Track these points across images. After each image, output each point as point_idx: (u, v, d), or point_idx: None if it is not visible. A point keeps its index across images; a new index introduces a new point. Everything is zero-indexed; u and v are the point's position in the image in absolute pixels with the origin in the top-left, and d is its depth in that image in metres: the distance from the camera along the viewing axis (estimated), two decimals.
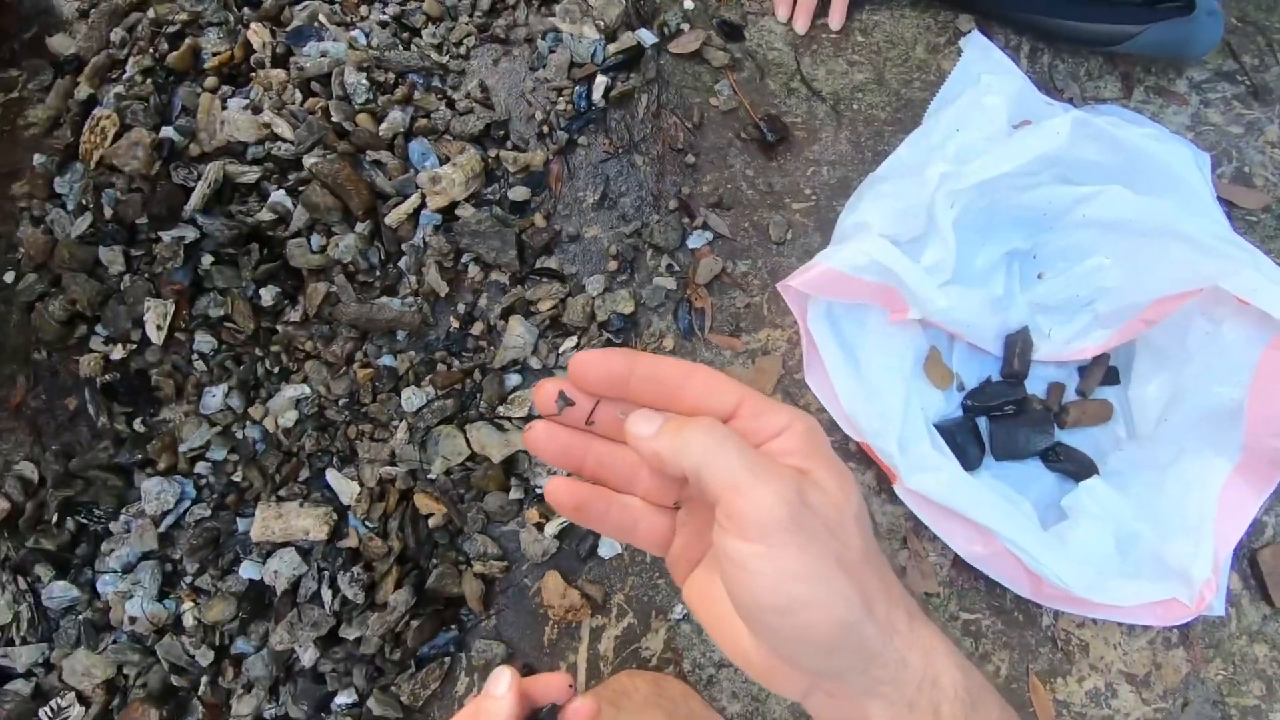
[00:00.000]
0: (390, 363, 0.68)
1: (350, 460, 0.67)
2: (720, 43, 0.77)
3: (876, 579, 0.28)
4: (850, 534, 0.27)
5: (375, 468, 0.65)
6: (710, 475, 0.26)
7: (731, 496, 0.26)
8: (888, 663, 0.27)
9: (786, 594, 0.26)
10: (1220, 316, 0.57)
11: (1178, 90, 0.78)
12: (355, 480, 0.65)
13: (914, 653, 0.27)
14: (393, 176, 0.69)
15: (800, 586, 0.26)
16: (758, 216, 0.73)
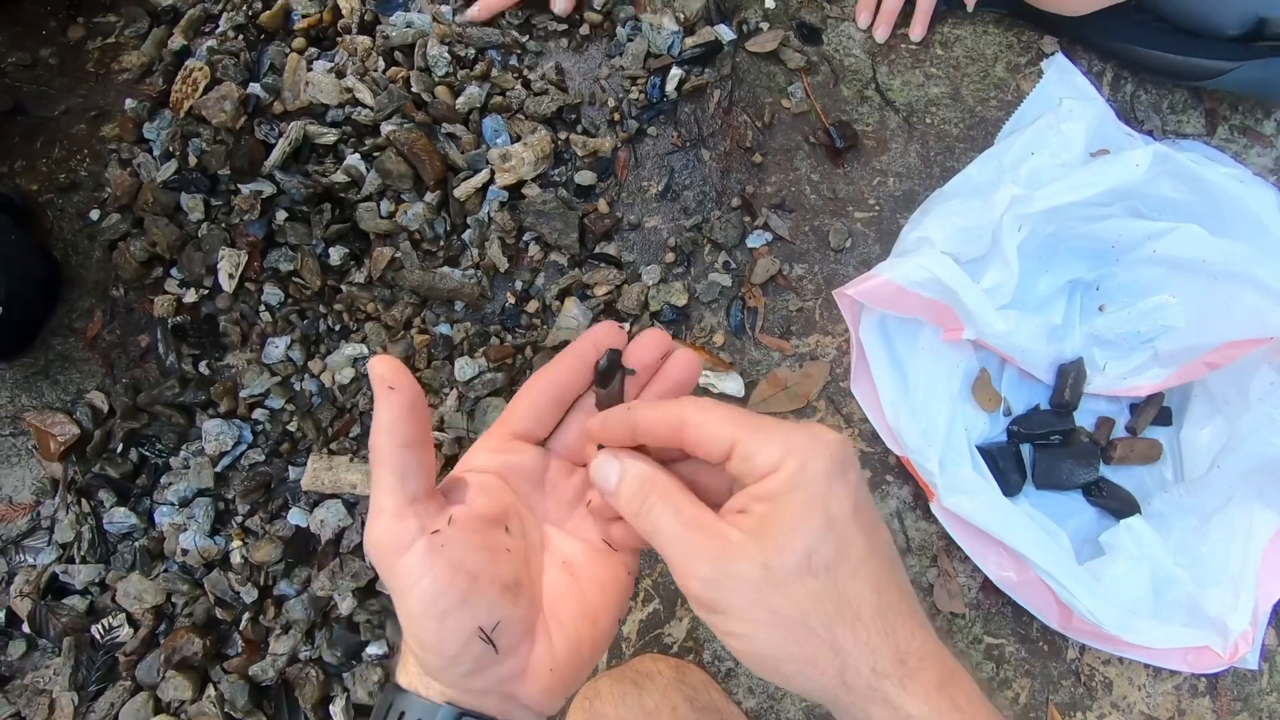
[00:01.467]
0: (446, 331, 0.70)
1: None
2: (798, 44, 0.76)
3: (850, 634, 0.27)
4: (805, 589, 0.26)
5: None
6: (662, 551, 0.29)
7: (682, 581, 0.28)
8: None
9: (756, 665, 0.28)
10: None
11: (1264, 131, 0.76)
12: None
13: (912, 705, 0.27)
14: (465, 150, 0.71)
15: (765, 664, 0.28)
16: (819, 222, 0.73)
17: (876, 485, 0.68)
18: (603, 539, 0.34)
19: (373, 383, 0.29)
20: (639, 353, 0.33)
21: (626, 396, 0.34)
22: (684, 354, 0.34)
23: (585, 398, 0.34)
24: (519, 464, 0.34)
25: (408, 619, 0.29)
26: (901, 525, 0.67)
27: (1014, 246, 0.61)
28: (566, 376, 0.33)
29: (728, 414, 0.29)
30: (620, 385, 0.33)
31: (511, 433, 0.34)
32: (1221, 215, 0.60)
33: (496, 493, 0.33)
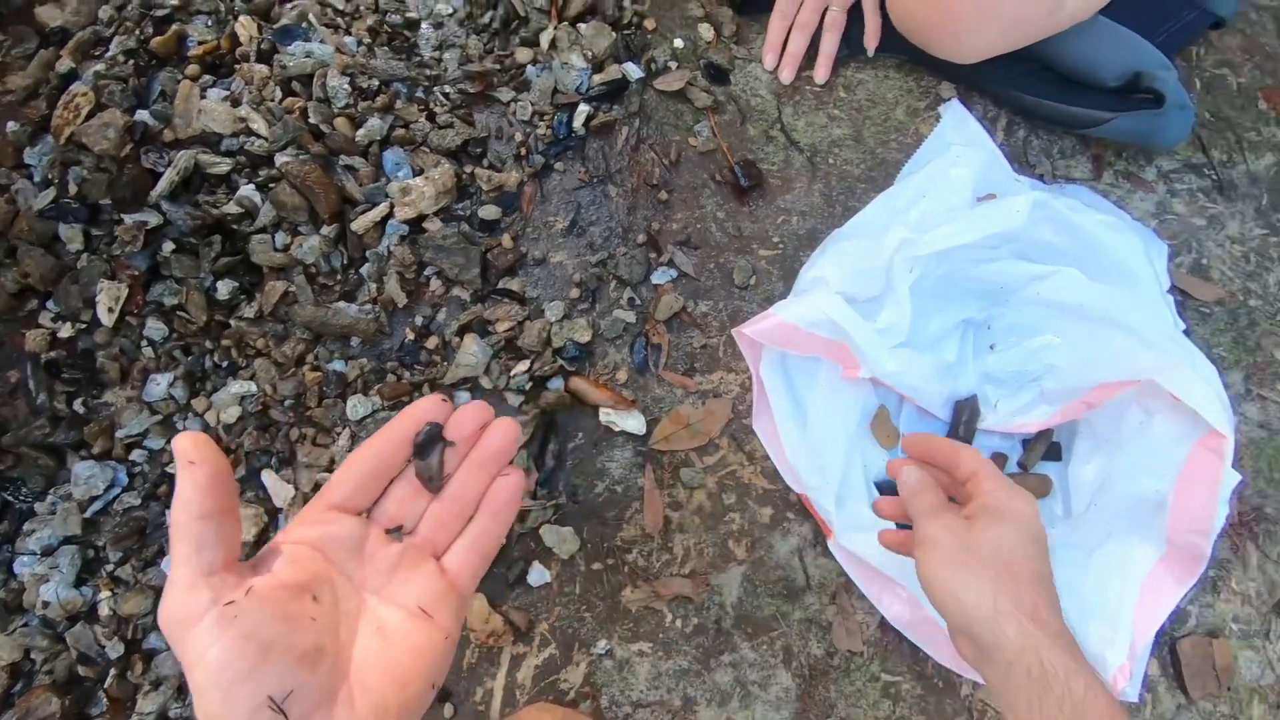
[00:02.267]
0: (340, 368, 0.68)
1: (289, 463, 0.66)
2: (705, 84, 0.77)
3: (1004, 582, 0.43)
4: (984, 556, 0.44)
5: (313, 473, 0.65)
6: (916, 517, 0.49)
7: (923, 532, 0.48)
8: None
9: (941, 585, 0.45)
10: (1154, 409, 0.58)
11: (1146, 177, 0.79)
12: (291, 484, 0.65)
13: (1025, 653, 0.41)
14: (363, 183, 0.69)
15: (947, 584, 0.45)
16: (724, 259, 0.74)
17: (777, 523, 0.68)
18: (420, 606, 0.34)
19: (176, 459, 0.30)
20: (460, 425, 0.36)
21: (447, 467, 0.36)
22: (502, 423, 0.37)
23: (408, 469, 0.36)
24: (336, 534, 0.34)
25: (196, 691, 0.28)
26: (801, 562, 0.67)
27: (906, 287, 0.62)
28: (386, 450, 0.35)
29: (987, 465, 0.49)
30: (440, 457, 0.36)
31: (330, 504, 0.35)
32: (1096, 260, 0.63)
33: (308, 562, 0.33)
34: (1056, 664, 0.40)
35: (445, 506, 0.37)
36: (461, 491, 0.37)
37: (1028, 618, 0.42)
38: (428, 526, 0.37)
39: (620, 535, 0.67)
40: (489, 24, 0.77)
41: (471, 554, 0.37)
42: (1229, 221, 0.79)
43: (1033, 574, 0.44)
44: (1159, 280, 0.67)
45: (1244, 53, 0.85)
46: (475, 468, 0.37)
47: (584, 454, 0.69)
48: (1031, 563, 0.44)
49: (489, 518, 0.37)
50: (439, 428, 0.36)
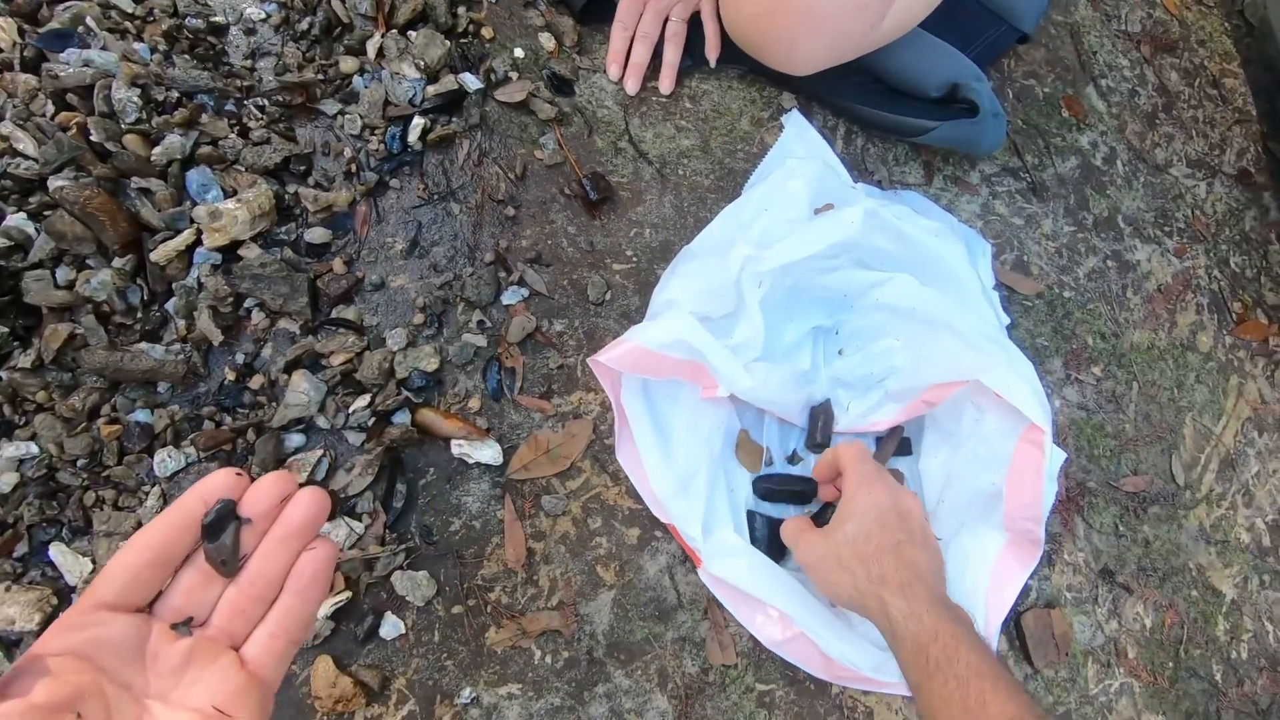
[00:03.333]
0: (145, 418, 0.60)
1: (84, 532, 0.57)
2: (549, 95, 0.75)
3: (862, 577, 0.52)
4: (843, 555, 0.54)
5: (114, 541, 0.57)
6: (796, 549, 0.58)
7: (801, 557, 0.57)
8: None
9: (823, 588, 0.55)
10: (984, 407, 0.61)
11: (971, 181, 0.85)
12: (88, 556, 0.56)
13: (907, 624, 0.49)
14: (163, 208, 0.61)
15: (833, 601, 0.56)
16: (577, 275, 0.72)
17: (645, 543, 0.66)
18: (214, 706, 0.29)
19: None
20: (257, 500, 0.33)
21: (244, 547, 0.33)
22: (306, 495, 0.34)
23: (198, 553, 0.33)
24: (107, 636, 0.30)
25: None
26: (672, 580, 0.66)
27: (755, 302, 0.62)
28: (168, 536, 0.32)
29: (850, 460, 0.58)
30: (234, 537, 0.33)
31: (98, 603, 0.30)
32: (926, 266, 0.66)
33: (71, 674, 0.28)
34: (896, 611, 0.50)
35: (243, 591, 0.33)
36: (262, 572, 0.33)
37: (876, 585, 0.51)
38: (223, 615, 0.33)
39: (481, 573, 0.63)
40: (308, 30, 0.71)
41: (276, 640, 0.34)
42: (1043, 220, 0.86)
43: (874, 551, 0.53)
44: (982, 281, 0.71)
45: (1047, 64, 0.93)
46: (277, 544, 0.34)
47: (436, 491, 0.64)
48: (873, 541, 0.53)
49: (294, 597, 0.34)
50: (232, 504, 0.33)
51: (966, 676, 0.45)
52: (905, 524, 0.54)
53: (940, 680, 0.46)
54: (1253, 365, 0.89)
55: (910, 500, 0.56)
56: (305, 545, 0.34)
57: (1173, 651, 0.75)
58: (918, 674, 0.47)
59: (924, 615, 0.48)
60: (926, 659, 0.47)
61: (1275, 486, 0.84)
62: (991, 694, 0.44)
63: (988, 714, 0.43)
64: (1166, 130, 0.96)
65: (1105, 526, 0.77)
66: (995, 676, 0.45)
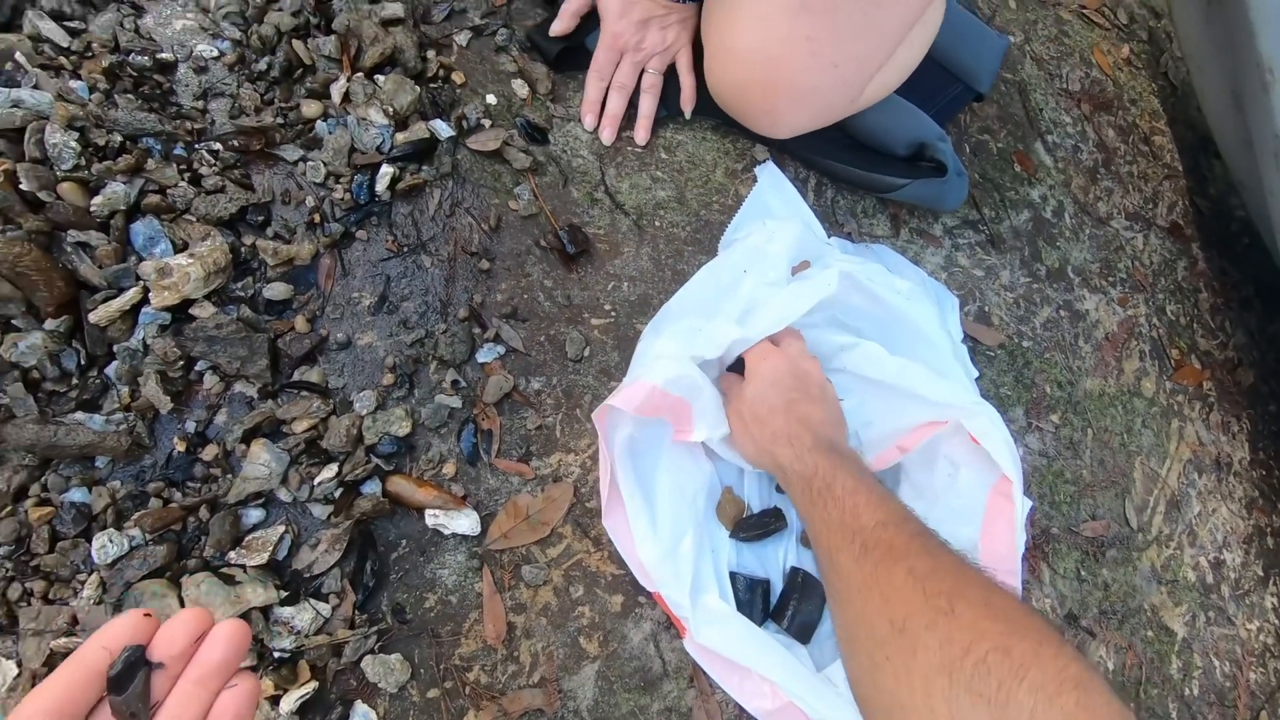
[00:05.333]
0: (81, 498, 0.54)
1: (8, 631, 0.51)
2: (523, 144, 0.73)
3: (760, 436, 0.58)
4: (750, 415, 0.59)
5: (44, 640, 0.51)
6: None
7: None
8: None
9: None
10: (959, 460, 0.62)
11: (934, 233, 0.87)
12: (12, 659, 0.50)
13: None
14: (104, 264, 0.56)
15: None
16: (555, 331, 0.69)
17: (629, 610, 0.64)
18: None
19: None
20: (168, 642, 0.31)
21: (156, 694, 0.31)
22: (224, 629, 0.32)
23: (103, 706, 0.30)
24: None
25: None
26: (657, 648, 0.64)
27: None
28: (67, 693, 0.29)
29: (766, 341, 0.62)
30: (144, 685, 0.30)
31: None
32: (899, 325, 0.67)
33: None
34: (784, 459, 0.55)
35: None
36: (179, 718, 0.31)
37: (769, 442, 0.57)
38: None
39: (459, 652, 0.60)
40: (266, 71, 0.66)
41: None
42: (1002, 271, 0.89)
43: (768, 411, 0.58)
44: (952, 338, 0.73)
45: (999, 121, 0.97)
46: (193, 686, 0.31)
47: (410, 565, 0.60)
48: (767, 402, 0.58)
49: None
50: (140, 650, 0.30)
51: (842, 496, 0.49)
52: (800, 383, 0.59)
53: (821, 506, 0.50)
54: (1190, 409, 0.94)
55: (808, 363, 0.61)
56: (225, 684, 0.32)
57: (1133, 693, 0.77)
58: (806, 508, 0.52)
59: (805, 456, 0.53)
60: (810, 491, 0.51)
61: (1215, 525, 0.89)
62: (865, 505, 0.48)
63: (860, 523, 0.47)
64: (1107, 184, 1.02)
65: (1068, 571, 0.79)
66: (869, 490, 0.49)
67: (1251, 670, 0.84)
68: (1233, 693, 0.82)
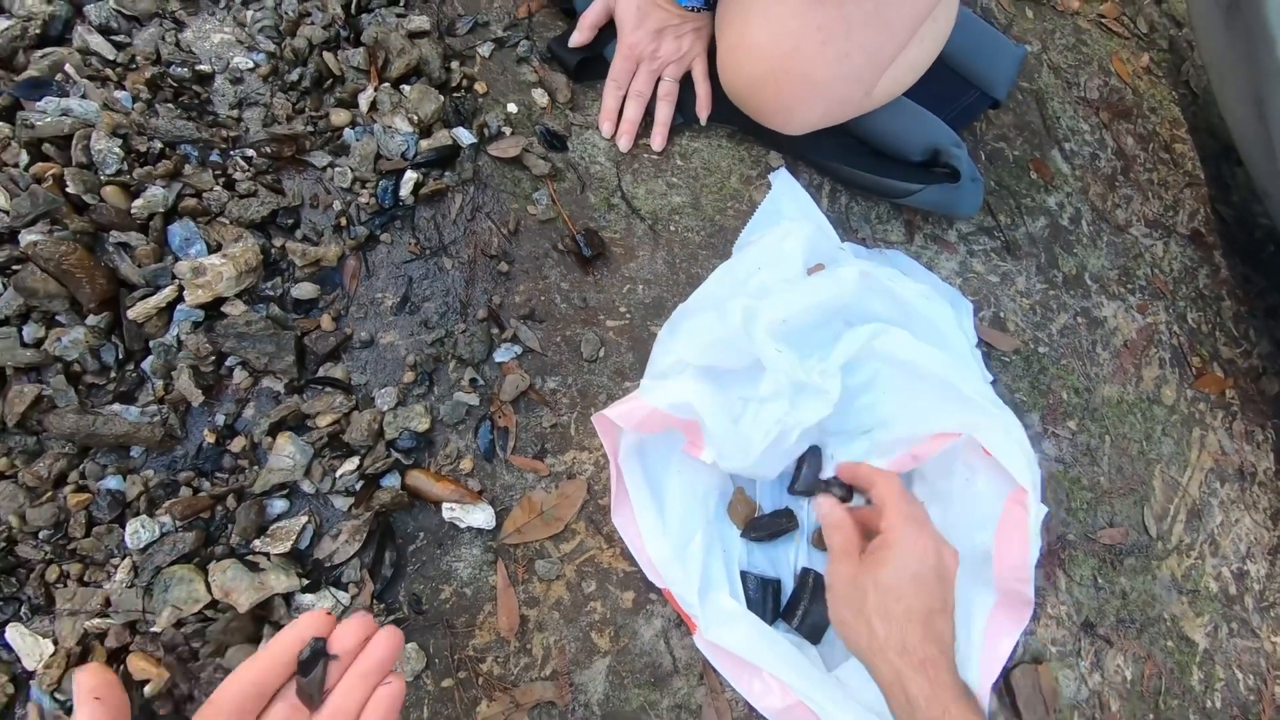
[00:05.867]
0: (116, 485, 0.56)
1: (45, 611, 0.53)
2: (542, 151, 0.75)
3: (881, 632, 0.50)
4: (869, 597, 0.51)
5: (79, 620, 0.53)
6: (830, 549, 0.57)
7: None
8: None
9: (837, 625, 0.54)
10: (976, 467, 0.62)
11: (949, 240, 0.88)
12: (49, 637, 0.52)
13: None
14: (143, 263, 0.59)
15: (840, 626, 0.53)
16: (570, 332, 0.71)
17: (640, 606, 0.65)
18: None
19: (75, 694, 0.33)
20: (343, 638, 0.37)
21: (330, 680, 0.37)
22: (385, 634, 0.38)
23: (288, 685, 0.37)
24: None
25: None
26: (667, 645, 0.65)
27: (774, 356, 0.62)
28: (270, 670, 0.36)
29: (895, 497, 0.55)
30: (323, 671, 0.37)
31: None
32: (917, 326, 0.67)
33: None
34: (917, 693, 0.47)
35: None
36: (343, 705, 0.37)
37: (896, 653, 0.48)
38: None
39: (472, 643, 0.61)
40: (298, 81, 0.69)
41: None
42: (1017, 278, 0.89)
43: (903, 613, 0.49)
44: (969, 341, 0.73)
45: (1015, 129, 0.98)
46: (357, 679, 0.37)
47: (426, 557, 0.62)
48: (904, 601, 0.50)
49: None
50: (323, 643, 0.37)
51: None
52: (942, 589, 0.51)
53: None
54: (1212, 417, 0.93)
55: (952, 559, 0.53)
56: (381, 680, 0.38)
57: (1152, 703, 0.76)
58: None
59: (950, 706, 0.46)
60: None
61: (1238, 535, 0.88)
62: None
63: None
64: (1125, 192, 1.01)
65: (1085, 579, 0.78)
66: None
67: (1277, 685, 0.82)
68: (1256, 706, 0.80)
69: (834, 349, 0.65)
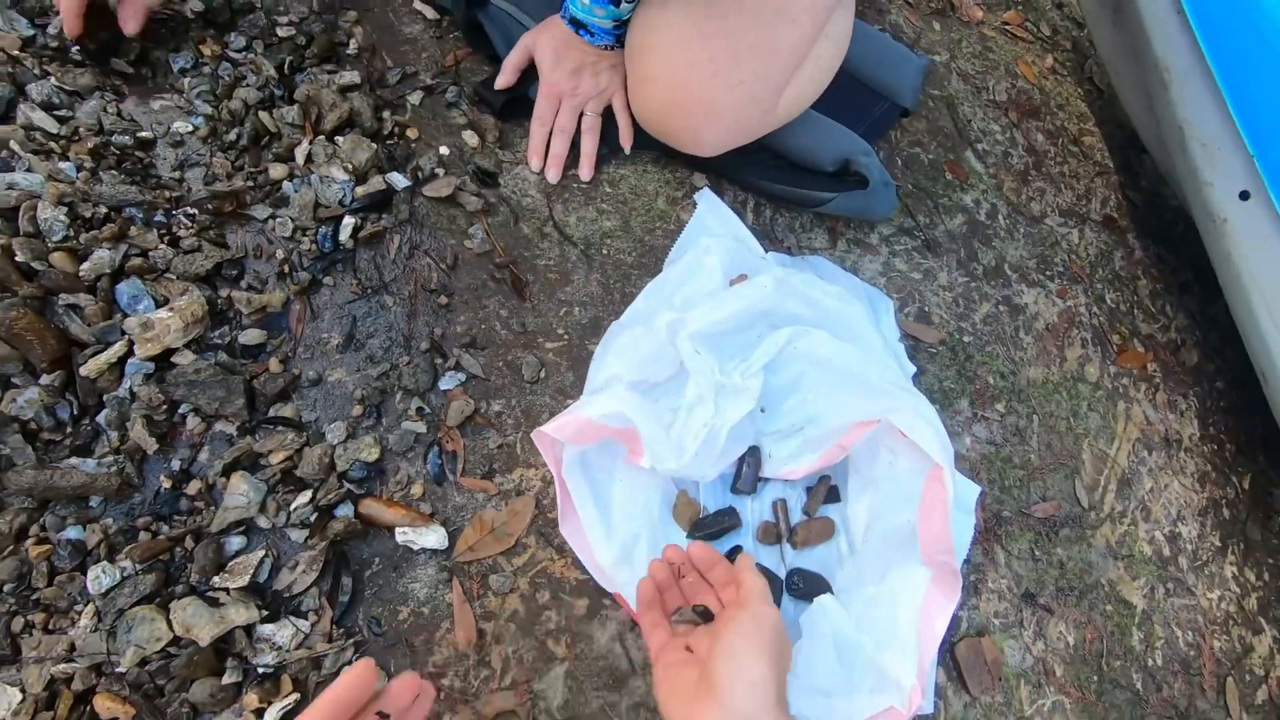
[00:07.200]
0: (76, 535, 0.59)
1: (11, 661, 0.56)
2: (475, 188, 0.79)
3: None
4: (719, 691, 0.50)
5: (45, 667, 0.55)
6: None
7: None
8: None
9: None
10: (898, 449, 0.66)
11: (872, 243, 0.93)
12: (16, 686, 0.54)
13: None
14: (92, 323, 0.62)
15: None
16: (511, 356, 0.75)
17: (595, 612, 0.68)
18: None
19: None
20: (396, 698, 0.46)
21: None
22: (429, 691, 0.49)
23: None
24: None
25: None
26: (623, 647, 0.68)
27: (696, 361, 0.66)
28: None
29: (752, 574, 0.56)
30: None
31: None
32: (834, 326, 0.72)
33: None
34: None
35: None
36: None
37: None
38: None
39: (432, 659, 0.64)
40: (236, 140, 0.73)
41: None
42: (939, 273, 0.94)
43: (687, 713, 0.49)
44: (884, 337, 0.78)
45: (929, 134, 1.04)
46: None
47: (383, 580, 0.65)
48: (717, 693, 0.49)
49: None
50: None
51: None
52: (768, 656, 0.50)
53: None
54: (1136, 390, 0.98)
55: (787, 649, 0.53)
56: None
57: (1095, 665, 0.80)
58: None
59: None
60: None
61: (1168, 500, 0.92)
62: None
63: None
64: (1039, 185, 1.07)
65: (1022, 552, 0.82)
66: None
67: (1215, 639, 0.87)
68: (1197, 660, 0.84)
69: (755, 351, 0.69)
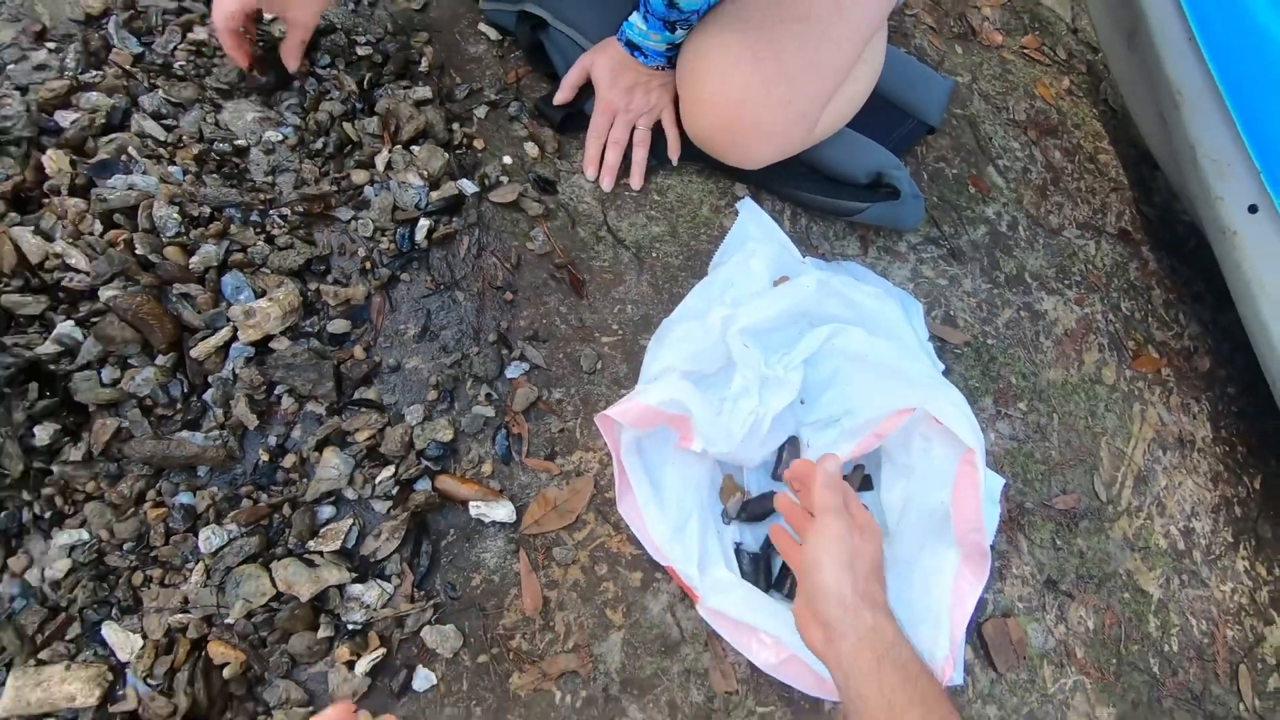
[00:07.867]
0: (188, 500, 0.65)
1: (133, 610, 0.62)
2: (535, 195, 0.86)
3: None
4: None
5: (163, 617, 0.61)
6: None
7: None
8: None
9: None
10: (931, 436, 0.72)
11: (900, 250, 0.99)
12: (138, 633, 0.60)
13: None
14: (202, 310, 0.69)
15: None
16: (570, 348, 0.81)
17: (648, 584, 0.74)
18: None
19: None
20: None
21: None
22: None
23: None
24: None
25: None
26: (674, 617, 0.73)
27: (744, 354, 0.72)
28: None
29: (816, 490, 0.61)
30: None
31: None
32: (871, 324, 0.78)
33: None
34: (889, 632, 0.54)
35: None
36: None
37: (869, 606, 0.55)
38: None
39: (502, 623, 0.69)
40: (322, 149, 0.80)
41: None
42: (964, 280, 1.00)
43: (823, 591, 0.56)
44: (918, 335, 0.84)
45: (953, 150, 1.10)
46: None
47: (458, 550, 0.70)
48: (823, 581, 0.56)
49: None
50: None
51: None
52: (858, 565, 0.57)
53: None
54: (1151, 393, 1.03)
55: (866, 539, 0.59)
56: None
57: (1114, 649, 0.85)
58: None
59: (866, 615, 0.55)
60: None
61: (1182, 497, 0.97)
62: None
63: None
64: (1057, 199, 1.13)
65: (1044, 542, 0.87)
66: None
67: (1228, 628, 0.91)
68: (1211, 648, 0.89)
69: (797, 347, 0.75)
